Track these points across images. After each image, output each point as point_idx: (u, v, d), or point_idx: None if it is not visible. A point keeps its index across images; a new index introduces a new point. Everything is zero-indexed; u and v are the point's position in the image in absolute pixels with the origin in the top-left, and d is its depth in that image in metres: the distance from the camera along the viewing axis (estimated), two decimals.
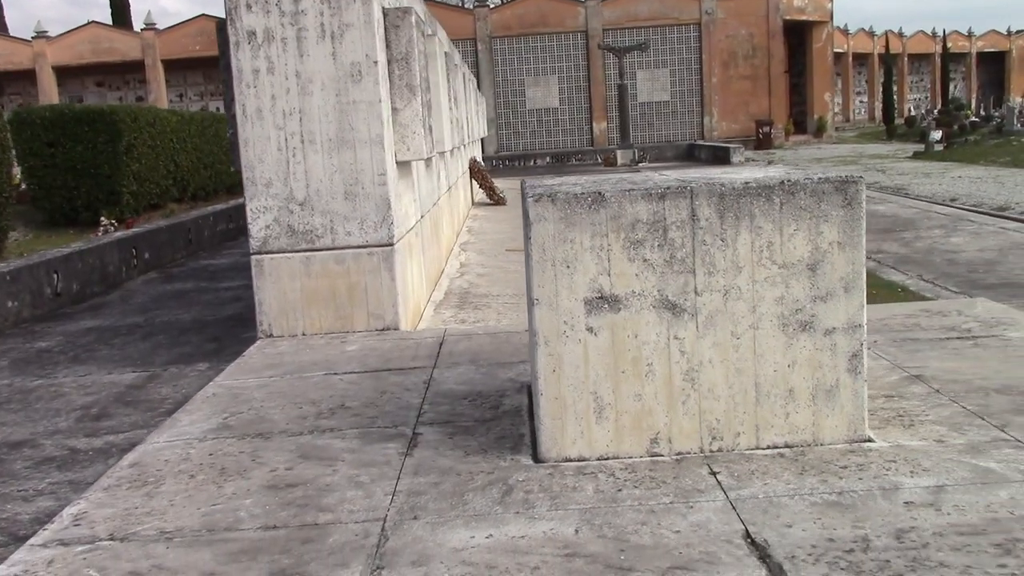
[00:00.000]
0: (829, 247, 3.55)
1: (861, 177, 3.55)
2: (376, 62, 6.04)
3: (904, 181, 20.59)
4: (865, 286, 3.58)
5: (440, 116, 8.46)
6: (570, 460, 3.62)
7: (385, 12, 6.39)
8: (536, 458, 3.65)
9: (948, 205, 15.71)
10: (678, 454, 3.62)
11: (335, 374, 5.19)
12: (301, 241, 6.21)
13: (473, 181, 18.53)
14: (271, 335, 6.26)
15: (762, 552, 2.77)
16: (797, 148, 38.55)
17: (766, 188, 3.52)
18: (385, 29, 6.39)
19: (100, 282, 10.17)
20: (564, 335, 3.58)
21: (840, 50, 53.94)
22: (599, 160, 33.54)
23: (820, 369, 3.60)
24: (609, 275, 3.55)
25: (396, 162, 6.54)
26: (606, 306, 3.56)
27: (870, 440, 3.63)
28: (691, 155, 34.55)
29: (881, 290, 8.98)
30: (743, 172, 4.00)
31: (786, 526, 2.93)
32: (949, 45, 59.46)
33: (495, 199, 18.57)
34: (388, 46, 6.42)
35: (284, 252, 6.22)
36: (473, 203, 18.51)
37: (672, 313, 3.57)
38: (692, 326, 3.57)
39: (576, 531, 2.98)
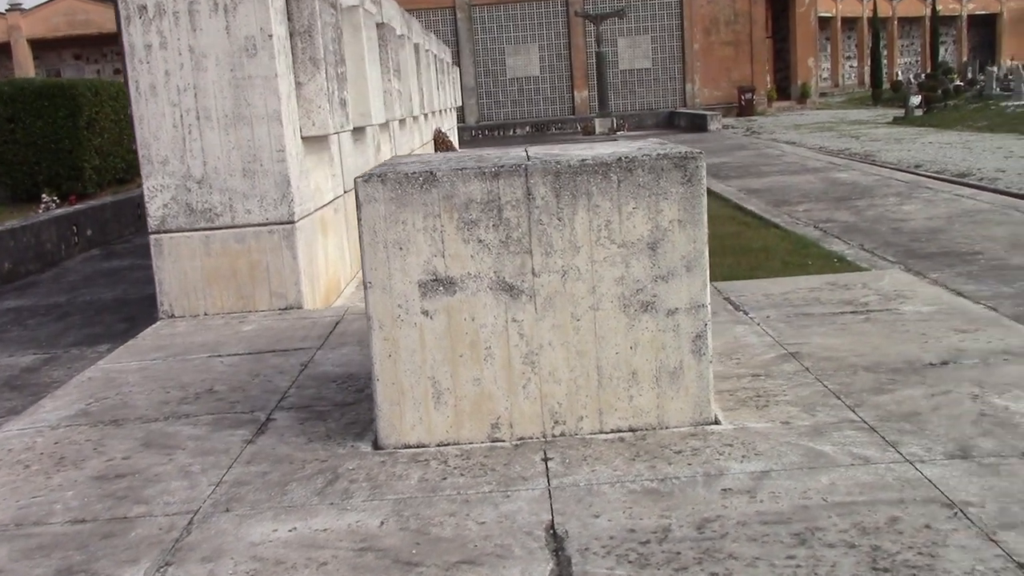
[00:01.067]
0: (669, 225, 3.44)
1: (700, 153, 3.43)
2: (271, 36, 5.89)
3: (875, 147, 20.44)
4: (708, 264, 3.48)
5: (367, 89, 8.30)
6: (409, 447, 3.53)
7: None
8: (376, 445, 3.56)
9: (910, 172, 15.59)
10: (519, 439, 3.53)
11: (218, 356, 5.10)
12: (200, 220, 6.09)
13: (439, 152, 18.37)
14: (172, 315, 6.16)
15: (558, 544, 2.69)
16: (779, 114, 38.34)
17: (603, 166, 3.41)
18: (287, 2, 6.24)
19: (35, 260, 10.06)
20: (399, 319, 3.48)
21: (828, 14, 53.52)
22: (579, 129, 33.31)
23: (663, 351, 3.51)
24: (443, 257, 3.44)
25: (302, 137, 6.41)
26: (441, 289, 3.46)
27: (716, 423, 3.54)
28: (671, 123, 34.34)
29: (817, 260, 8.88)
30: (605, 147, 3.89)
31: (594, 516, 2.85)
32: (939, 8, 58.94)
33: None
34: (290, 19, 6.28)
35: (183, 231, 6.10)
36: None
37: (510, 295, 3.47)
38: (531, 308, 3.48)
39: (382, 523, 2.90)
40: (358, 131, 8.76)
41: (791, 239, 10.21)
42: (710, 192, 14.63)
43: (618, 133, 30.95)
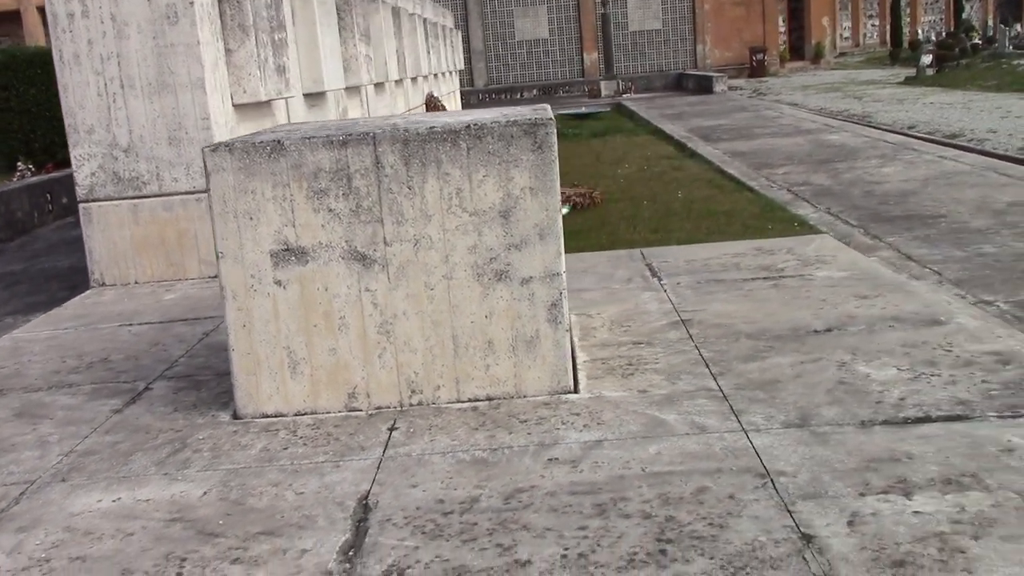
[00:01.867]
0: (521, 193, 3.40)
1: (551, 119, 3.39)
2: (192, 3, 5.85)
3: (875, 108, 20.16)
4: (561, 233, 3.44)
5: (319, 55, 8.25)
6: (266, 416, 3.54)
7: None
8: (235, 415, 3.57)
9: (901, 133, 15.37)
10: (376, 408, 3.53)
11: (129, 325, 5.12)
12: (128, 188, 6.10)
13: None
14: (103, 284, 6.19)
15: (364, 515, 2.68)
16: (791, 75, 37.85)
17: (452, 133, 3.37)
18: None
19: (6, 228, 10.12)
20: (252, 289, 3.47)
21: None
22: (585, 91, 33.06)
23: (519, 320, 3.48)
24: (294, 226, 3.43)
25: (233, 104, 6.39)
26: (293, 258, 3.44)
27: (574, 391, 3.52)
28: (679, 85, 33.99)
29: (779, 224, 8.78)
30: (467, 114, 3.84)
31: (411, 487, 2.84)
32: None
33: None
34: None
35: (111, 199, 6.11)
36: None
37: (362, 264, 3.45)
38: (384, 277, 3.45)
39: (204, 494, 2.91)
40: (317, 96, 8.72)
41: (760, 203, 10.10)
42: (695, 155, 14.56)
43: (624, 95, 30.70)
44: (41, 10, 40.62)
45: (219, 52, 6.21)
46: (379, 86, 12.64)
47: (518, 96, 35.69)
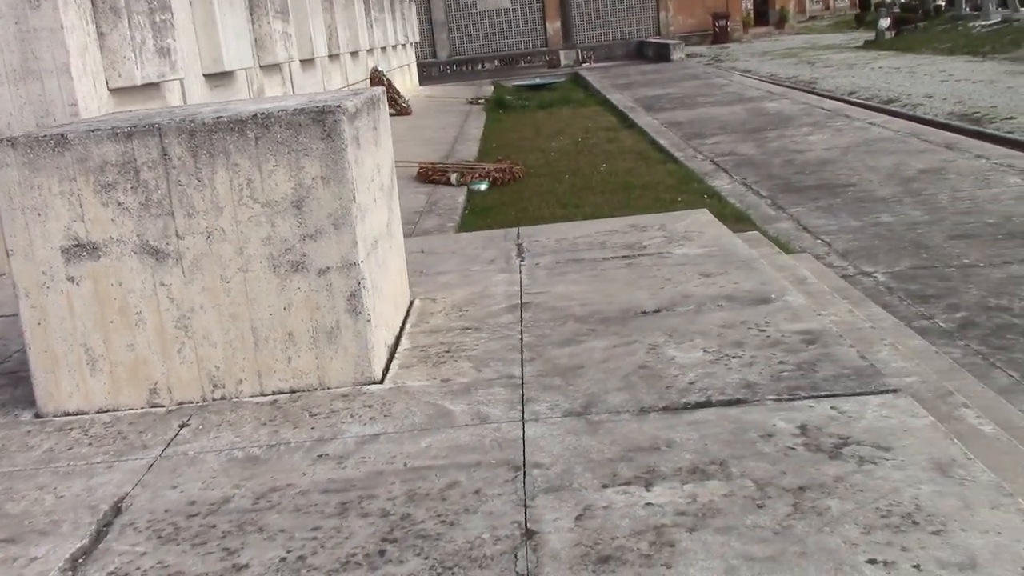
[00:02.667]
0: (313, 183, 3.34)
1: (339, 107, 3.32)
2: None
3: (823, 74, 20.11)
4: (357, 222, 3.38)
5: (217, 34, 8.13)
6: (68, 414, 3.49)
7: None
8: (36, 414, 3.51)
9: (839, 100, 15.33)
10: (179, 403, 3.48)
11: None
12: None
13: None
14: None
15: (111, 520, 2.64)
16: (754, 41, 37.71)
17: (239, 123, 3.30)
18: None
19: None
20: (45, 286, 3.41)
21: None
22: (546, 61, 32.87)
23: (319, 311, 3.43)
24: (84, 221, 3.36)
25: (109, 89, 6.28)
26: (85, 254, 3.38)
27: (377, 382, 3.48)
28: (640, 53, 33.84)
29: (689, 196, 8.76)
30: (256, 103, 3.77)
31: (172, 487, 2.81)
32: None
33: (398, 109, 18.20)
34: None
35: None
36: None
37: (155, 259, 3.39)
38: (178, 271, 3.40)
39: None
40: (221, 76, 8.61)
41: (680, 174, 10.08)
42: (633, 126, 14.51)
43: (583, 65, 30.54)
44: None
45: (89, 36, 6.09)
46: (307, 63, 12.49)
47: (479, 67, 35.48)
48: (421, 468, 2.77)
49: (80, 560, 2.45)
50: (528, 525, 2.39)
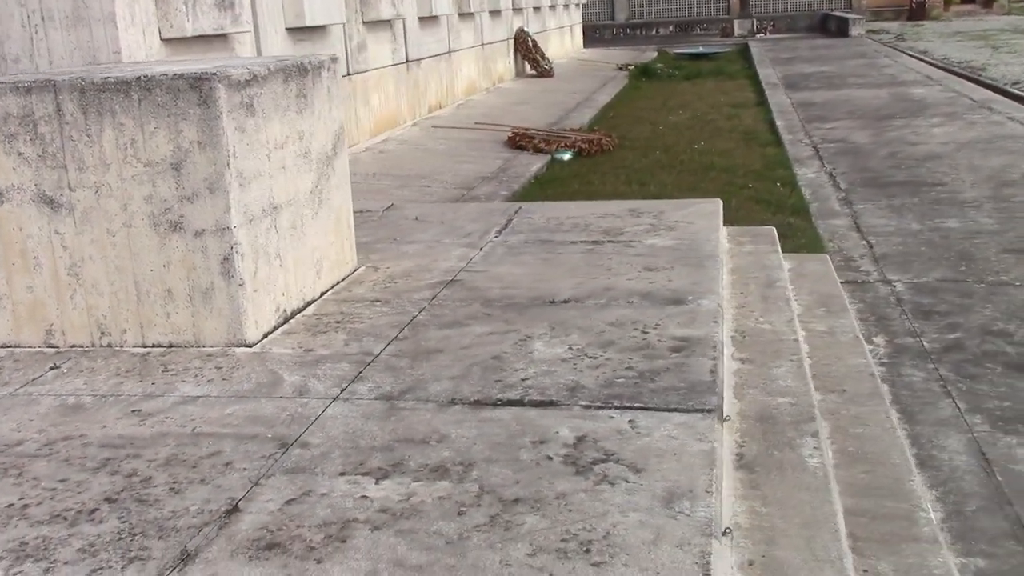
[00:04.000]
0: (190, 147, 3.44)
1: (215, 74, 3.38)
2: None
3: (998, 60, 18.71)
4: (230, 187, 3.45)
5: None
6: None
7: None
8: None
9: (994, 89, 14.26)
10: (71, 346, 3.68)
11: None
12: None
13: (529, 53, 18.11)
14: None
15: None
16: (953, 20, 35.43)
17: (124, 84, 3.43)
18: None
19: None
20: None
21: None
22: (720, 29, 31.99)
23: (195, 271, 3.54)
24: None
25: (162, 39, 6.58)
26: None
27: (247, 345, 3.57)
28: (823, 26, 32.40)
29: (765, 183, 8.43)
30: (172, 66, 3.88)
31: None
32: None
33: (539, 70, 18.20)
34: None
35: None
36: (520, 74, 18.20)
37: (51, 208, 3.58)
38: (71, 222, 3.58)
39: None
40: (310, 30, 8.86)
41: (771, 159, 9.70)
42: (763, 104, 13.97)
43: (757, 36, 29.56)
44: None
45: None
46: (428, 19, 12.64)
47: (653, 32, 34.90)
48: (204, 434, 2.84)
49: None
50: (239, 503, 2.43)
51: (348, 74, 9.98)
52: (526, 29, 18.51)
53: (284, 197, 3.83)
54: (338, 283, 4.31)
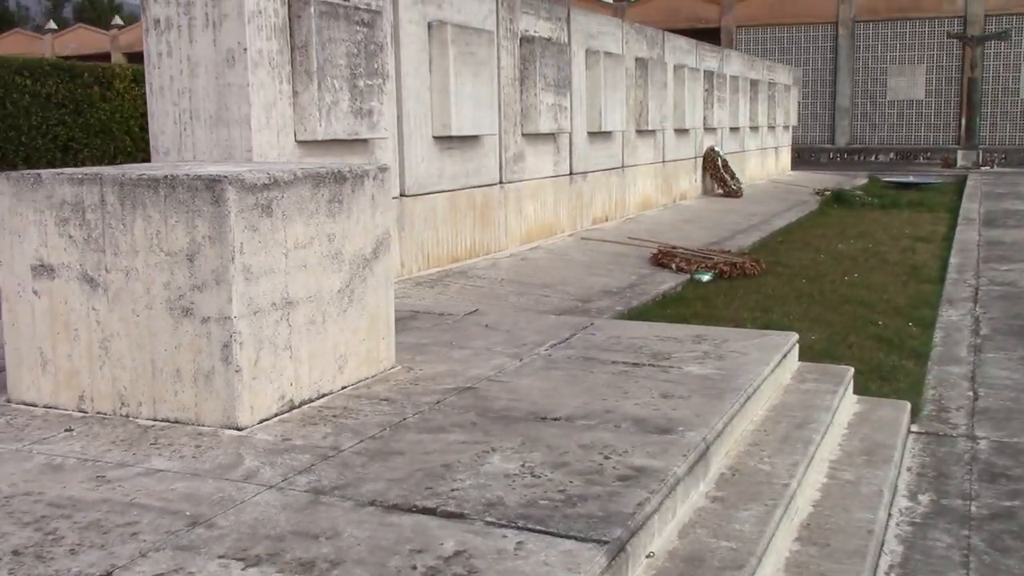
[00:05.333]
0: (203, 240, 3.77)
1: (225, 177, 3.71)
2: (246, 49, 6.70)
3: None
4: (234, 280, 3.74)
5: (448, 101, 8.85)
6: (25, 403, 4.19)
7: (290, 2, 7.03)
8: (7, 399, 4.25)
9: None
10: (97, 412, 4.05)
11: None
12: None
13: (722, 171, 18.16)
14: None
15: None
16: None
17: (154, 181, 3.82)
18: (290, 19, 7.03)
19: None
20: (19, 295, 4.14)
21: None
22: (941, 159, 30.77)
23: (200, 354, 3.84)
24: (47, 247, 4.05)
25: (296, 141, 7.17)
26: (46, 274, 4.07)
27: (238, 428, 3.81)
28: None
29: (898, 321, 8.05)
30: (226, 167, 4.25)
31: None
32: None
33: (726, 190, 18.17)
34: (292, 34, 7.06)
35: None
36: (707, 192, 18.24)
37: (91, 286, 4.00)
38: (105, 300, 3.98)
39: None
40: (457, 139, 9.34)
41: (920, 298, 9.28)
42: (948, 239, 13.34)
43: (982, 168, 28.24)
44: (126, 54, 45.25)
45: (281, 93, 7.00)
46: (599, 135, 12.98)
47: (872, 158, 34.02)
48: (137, 505, 3.07)
49: None
50: (113, 572, 2.62)
51: (501, 183, 10.39)
52: (717, 149, 18.56)
53: (303, 293, 4.10)
54: (364, 380, 4.51)
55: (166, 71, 6.97)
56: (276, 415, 3.97)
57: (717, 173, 18.21)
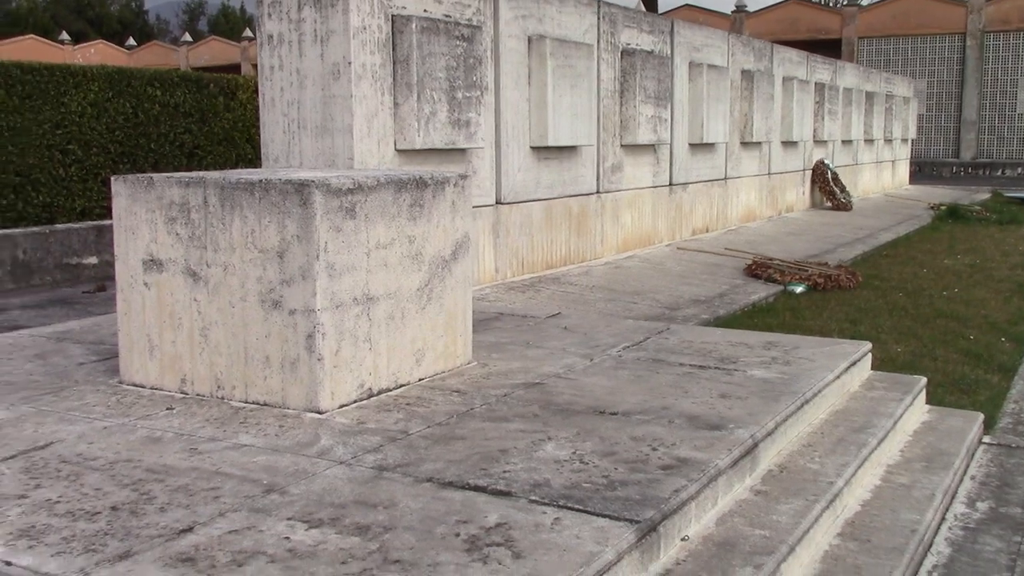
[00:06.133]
0: (292, 239, 4.14)
1: (312, 181, 4.07)
2: (350, 63, 7.13)
3: None
4: (318, 276, 4.10)
5: (546, 114, 9.14)
6: (135, 385, 4.64)
7: (393, 18, 7.44)
8: (120, 381, 4.71)
9: None
10: (197, 394, 4.47)
11: None
12: None
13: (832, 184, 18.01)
14: None
15: (36, 448, 3.68)
16: None
17: (251, 184, 4.21)
18: (393, 34, 7.45)
19: None
20: (132, 286, 4.59)
21: None
22: None
23: (287, 343, 4.21)
24: (156, 243, 4.49)
25: (396, 150, 7.57)
26: (155, 267, 4.51)
27: (319, 412, 4.16)
28: None
29: (989, 337, 7.98)
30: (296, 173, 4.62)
31: (89, 444, 3.77)
32: None
33: (835, 203, 17.97)
34: (394, 48, 7.47)
35: None
36: (816, 205, 18.09)
37: (193, 279, 4.42)
38: (205, 292, 4.39)
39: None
40: (554, 149, 9.63)
41: (1019, 315, 9.12)
42: None
43: None
44: (254, 65, 45.69)
45: (383, 105, 7.41)
46: (700, 146, 13.10)
47: (999, 173, 32.92)
48: (220, 473, 3.43)
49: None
50: (195, 527, 2.98)
51: (598, 192, 10.63)
52: (827, 162, 18.37)
53: (383, 290, 4.43)
54: (440, 373, 4.83)
55: (277, 83, 7.46)
56: (355, 401, 4.31)
57: (826, 186, 18.03)
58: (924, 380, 5.61)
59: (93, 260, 11.08)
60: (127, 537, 2.90)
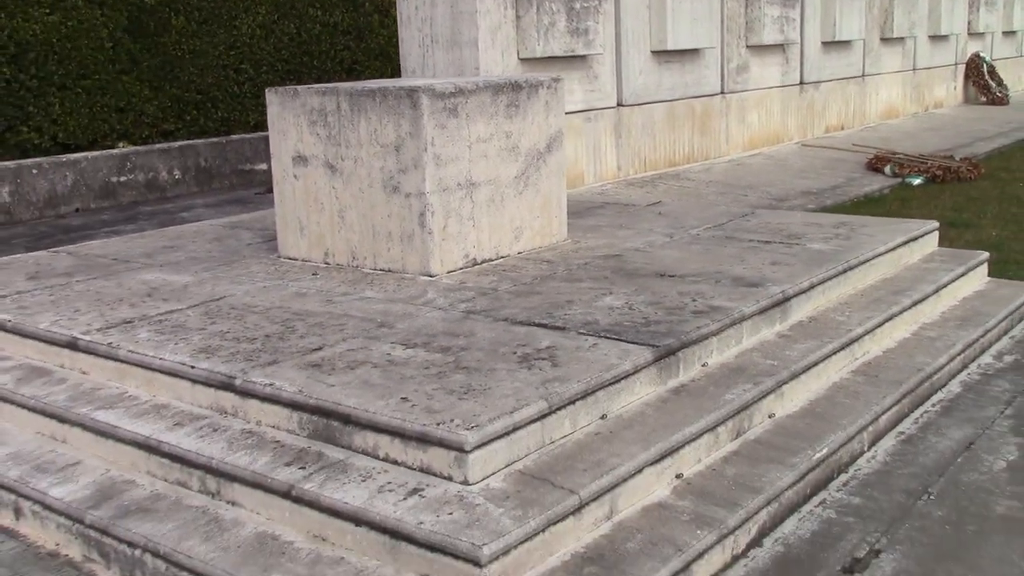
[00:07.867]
0: (406, 136, 5.09)
1: (420, 88, 4.98)
2: None
3: None
4: (428, 164, 5.04)
5: (665, 19, 9.72)
6: (289, 258, 5.75)
7: None
8: (278, 255, 5.84)
9: None
10: (337, 264, 5.54)
11: None
12: None
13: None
14: None
15: (211, 300, 4.82)
16: None
17: (372, 92, 5.17)
18: None
19: None
20: (284, 179, 5.67)
21: None
22: None
23: (404, 221, 5.20)
24: (302, 142, 5.54)
25: (520, 59, 8.41)
26: (301, 162, 5.57)
27: (431, 275, 5.15)
28: None
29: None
30: (382, 81, 5.52)
31: (251, 296, 4.89)
32: None
33: (990, 98, 17.64)
34: None
35: None
36: (970, 100, 17.83)
37: (331, 171, 5.45)
38: (340, 181, 5.42)
39: (191, 282, 5.27)
40: (674, 53, 10.22)
41: None
42: None
43: None
44: None
45: (505, 18, 8.24)
46: (835, 44, 13.29)
47: None
48: (347, 315, 4.47)
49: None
50: (328, 345, 4.02)
51: (722, 93, 11.15)
52: (983, 55, 17.97)
53: (483, 177, 5.34)
54: (536, 248, 5.73)
55: (412, 2, 8.38)
56: (460, 268, 5.27)
57: (980, 80, 17.69)
58: (986, 255, 6.11)
59: (263, 166, 12.44)
60: (275, 352, 3.97)
